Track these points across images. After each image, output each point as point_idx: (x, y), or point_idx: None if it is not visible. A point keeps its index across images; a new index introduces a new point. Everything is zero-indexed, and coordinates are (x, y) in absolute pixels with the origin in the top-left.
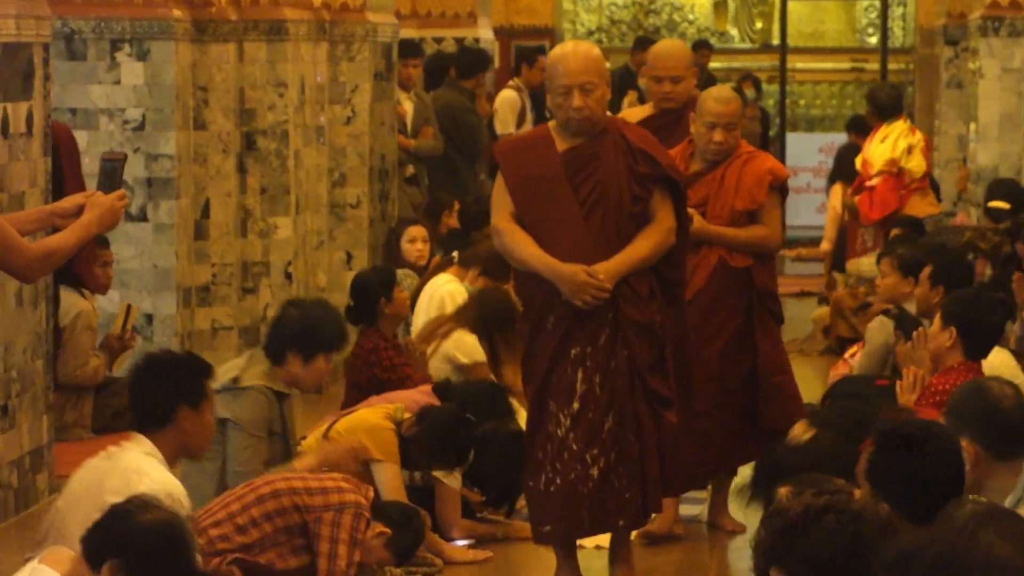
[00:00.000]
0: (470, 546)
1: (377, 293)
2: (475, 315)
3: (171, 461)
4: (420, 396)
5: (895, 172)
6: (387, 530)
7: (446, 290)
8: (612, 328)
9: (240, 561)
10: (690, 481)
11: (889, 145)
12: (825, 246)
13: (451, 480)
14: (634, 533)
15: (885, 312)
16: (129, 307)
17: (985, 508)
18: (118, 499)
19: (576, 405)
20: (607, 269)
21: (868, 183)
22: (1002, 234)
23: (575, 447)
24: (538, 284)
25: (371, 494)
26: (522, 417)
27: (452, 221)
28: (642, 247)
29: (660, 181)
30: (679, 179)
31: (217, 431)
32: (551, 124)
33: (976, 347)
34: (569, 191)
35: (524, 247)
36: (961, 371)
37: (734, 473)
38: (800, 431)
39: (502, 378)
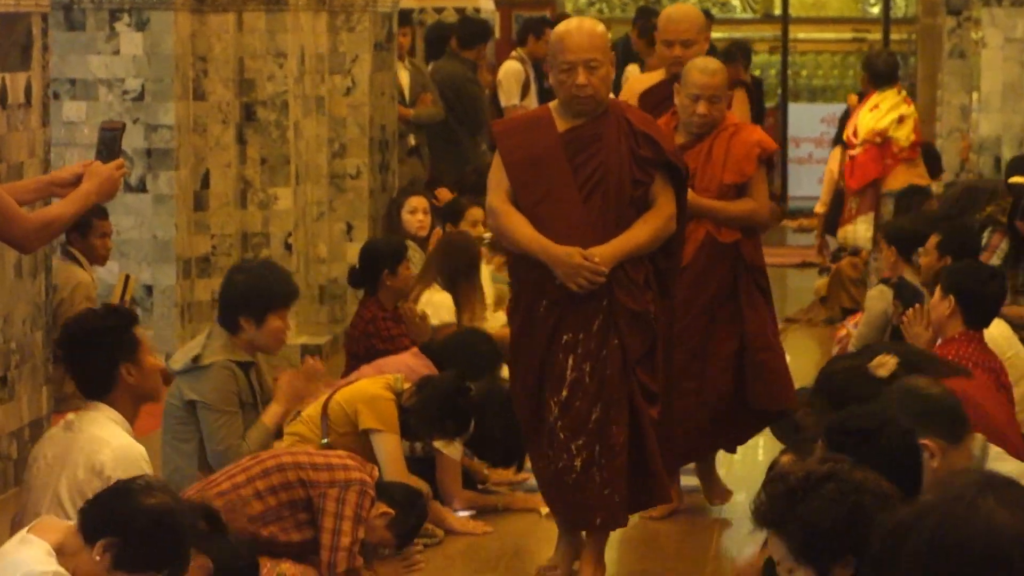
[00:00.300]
0: (471, 517)
1: (383, 264)
2: (441, 262)
3: (133, 418)
4: (410, 359)
5: (878, 143)
6: (390, 511)
7: None
8: (606, 315)
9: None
10: (673, 461)
11: (877, 115)
12: (819, 209)
13: (451, 450)
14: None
15: (884, 281)
16: (127, 277)
17: (984, 475)
18: (86, 473)
19: (565, 393)
20: (603, 253)
21: (851, 152)
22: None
23: (562, 436)
24: (532, 267)
25: (376, 473)
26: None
27: (443, 194)
28: (641, 232)
29: (662, 166)
30: (682, 166)
31: (188, 412)
32: (552, 104)
33: (976, 316)
34: (568, 172)
35: (518, 228)
36: (962, 341)
37: (717, 450)
38: (884, 362)
39: (460, 326)
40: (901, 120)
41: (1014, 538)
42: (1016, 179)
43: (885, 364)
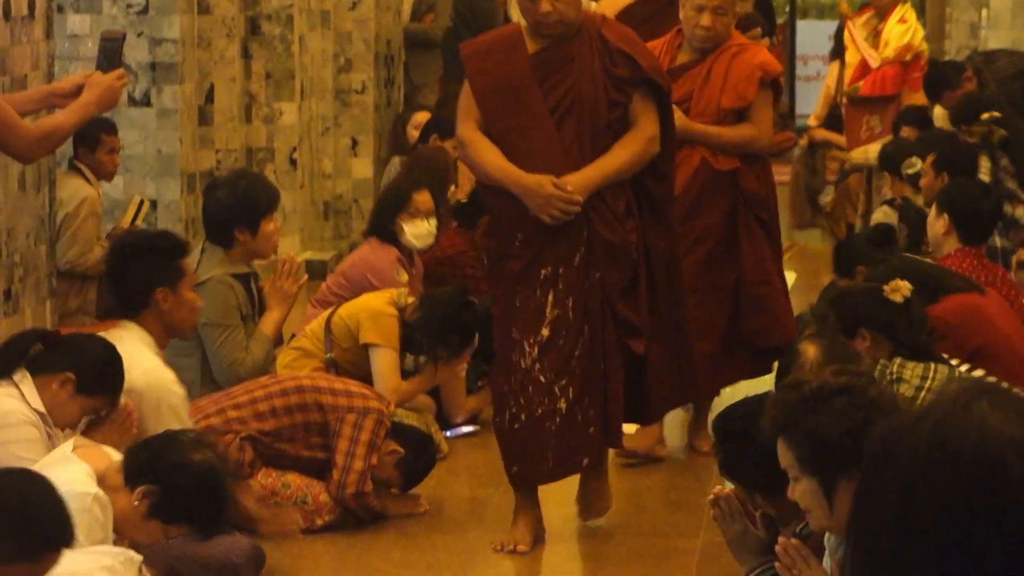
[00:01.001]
0: (474, 432)
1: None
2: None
3: (162, 344)
4: (368, 252)
5: (907, 59)
6: (400, 450)
7: None
8: (587, 247)
9: (252, 439)
10: (667, 405)
11: (907, 29)
12: (812, 122)
13: (455, 363)
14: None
15: (889, 202)
16: (142, 202)
17: (977, 382)
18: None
19: (546, 332)
20: (577, 181)
21: (885, 58)
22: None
23: (542, 379)
24: (505, 199)
25: (392, 408)
26: None
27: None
28: (617, 157)
29: (641, 85)
30: (663, 83)
31: None
32: (524, 23)
33: (971, 233)
34: (539, 97)
35: (488, 159)
36: (958, 256)
37: (716, 394)
38: (899, 287)
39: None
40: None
41: (1007, 440)
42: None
43: (899, 289)
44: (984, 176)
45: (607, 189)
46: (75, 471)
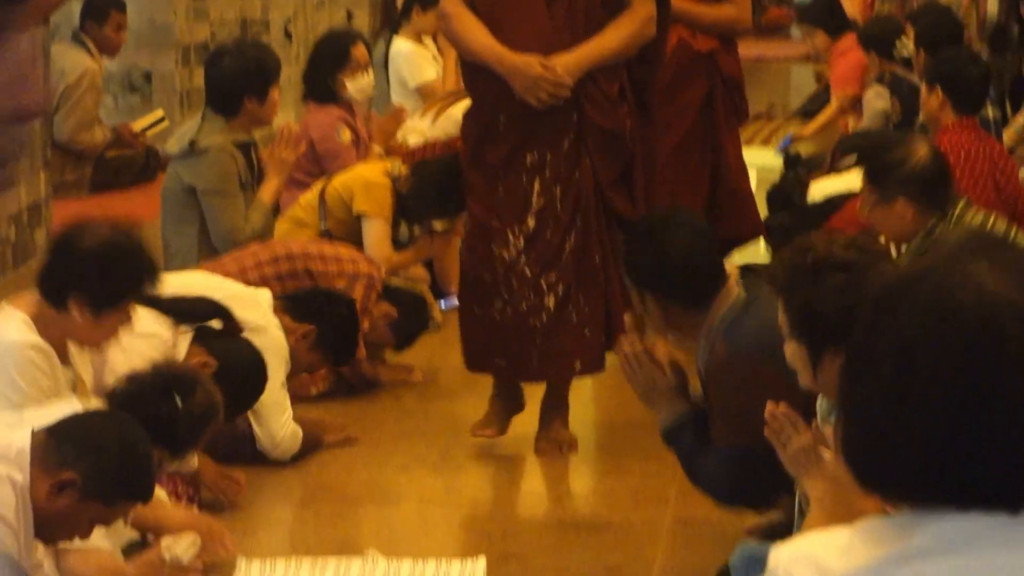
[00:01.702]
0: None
1: None
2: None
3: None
4: (308, 117)
5: None
6: (393, 311)
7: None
8: (577, 132)
9: None
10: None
11: None
12: None
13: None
14: None
15: (879, 78)
16: (162, 119)
17: (980, 237)
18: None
19: (531, 222)
20: (567, 62)
21: None
22: None
23: (528, 272)
24: (489, 79)
25: (382, 274)
26: None
27: None
28: (611, 38)
29: None
30: None
31: (189, 196)
32: None
33: (963, 102)
34: None
35: (473, 34)
36: (955, 131)
37: None
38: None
39: None
40: None
41: (1006, 303)
42: None
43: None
44: (992, 6)
45: (600, 71)
46: (13, 323)
